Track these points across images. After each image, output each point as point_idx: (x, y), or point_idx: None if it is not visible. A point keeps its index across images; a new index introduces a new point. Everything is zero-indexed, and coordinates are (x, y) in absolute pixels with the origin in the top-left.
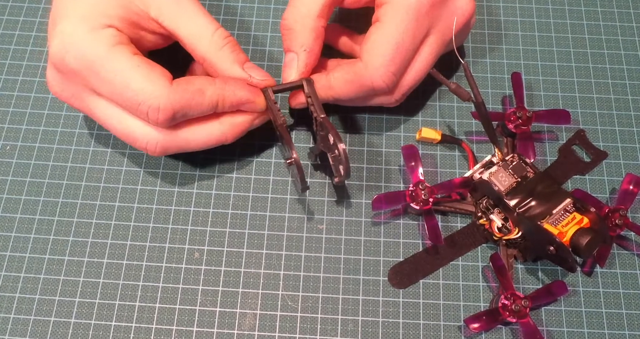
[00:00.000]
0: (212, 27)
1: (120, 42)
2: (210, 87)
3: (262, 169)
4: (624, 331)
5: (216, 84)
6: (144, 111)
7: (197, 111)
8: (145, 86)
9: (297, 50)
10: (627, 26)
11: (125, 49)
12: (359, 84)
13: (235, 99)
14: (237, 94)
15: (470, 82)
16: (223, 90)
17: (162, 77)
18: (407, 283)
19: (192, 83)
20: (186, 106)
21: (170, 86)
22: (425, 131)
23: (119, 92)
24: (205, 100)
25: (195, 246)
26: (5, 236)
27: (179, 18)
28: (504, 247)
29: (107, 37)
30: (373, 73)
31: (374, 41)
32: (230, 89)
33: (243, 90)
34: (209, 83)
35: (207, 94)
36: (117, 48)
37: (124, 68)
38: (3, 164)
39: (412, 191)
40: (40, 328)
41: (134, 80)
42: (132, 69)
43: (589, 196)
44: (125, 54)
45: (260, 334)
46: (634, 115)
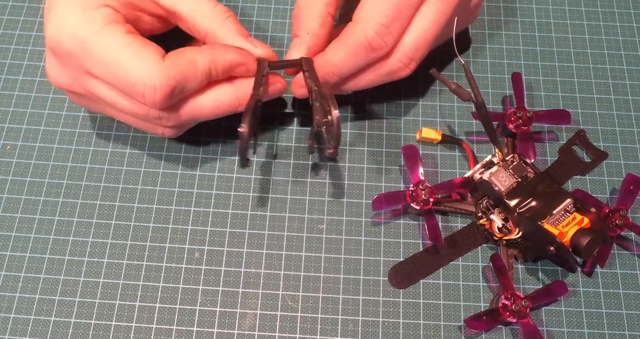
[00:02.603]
0: (212, 2)
1: (114, 21)
2: (200, 55)
3: (262, 169)
4: (624, 332)
5: (204, 50)
6: (139, 92)
7: (193, 83)
8: (136, 64)
9: (301, 35)
10: (627, 26)
11: (119, 28)
12: (353, 45)
13: (226, 63)
14: (227, 58)
15: (471, 83)
16: (212, 55)
17: (154, 54)
18: (407, 283)
19: (183, 54)
20: (182, 80)
21: (162, 61)
22: (425, 131)
23: (112, 72)
24: (199, 69)
25: (195, 246)
26: (5, 235)
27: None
28: (504, 248)
29: (100, 16)
30: (365, 27)
31: (369, 2)
32: (220, 53)
33: (232, 53)
34: (198, 51)
35: (198, 62)
36: (110, 26)
37: (115, 46)
38: (3, 164)
39: (413, 191)
40: (40, 328)
41: (125, 58)
42: (123, 47)
43: (589, 196)
44: (117, 33)
45: (260, 334)
46: (634, 115)
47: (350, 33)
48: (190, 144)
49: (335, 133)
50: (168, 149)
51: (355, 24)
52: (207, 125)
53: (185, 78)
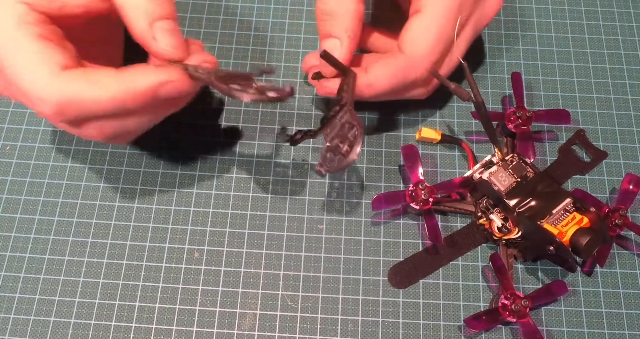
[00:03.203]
0: None
1: (27, 22)
2: (108, 77)
3: (262, 169)
4: (624, 331)
5: (115, 72)
6: (32, 103)
7: (97, 106)
8: (30, 73)
9: (340, 36)
10: (626, 26)
11: (28, 30)
12: (402, 78)
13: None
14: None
15: (470, 82)
16: (123, 77)
17: (54, 65)
18: (407, 283)
19: (87, 72)
20: (77, 101)
21: (59, 74)
22: (425, 131)
23: (10, 79)
24: (102, 93)
25: (195, 246)
26: (5, 236)
27: None
28: (503, 247)
29: (14, 15)
30: (417, 64)
31: (416, 31)
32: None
33: (152, 73)
34: (108, 71)
35: (105, 81)
36: (20, 28)
37: (15, 51)
38: (3, 164)
39: (412, 190)
40: (40, 328)
41: (21, 66)
42: (23, 53)
43: (589, 195)
44: (23, 35)
45: (260, 334)
46: (633, 115)
47: (399, 65)
48: (190, 144)
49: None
50: (168, 149)
51: (404, 58)
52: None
53: (82, 99)
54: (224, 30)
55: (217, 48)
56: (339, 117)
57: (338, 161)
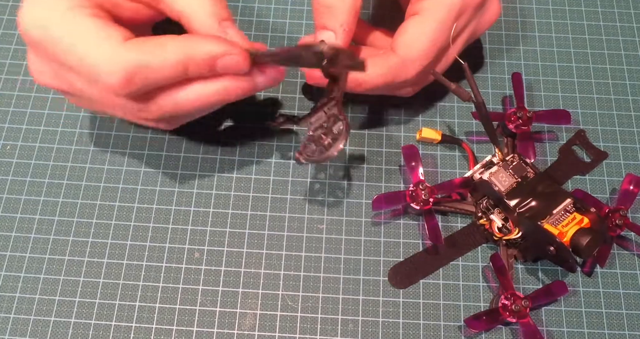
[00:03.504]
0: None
1: (79, 4)
2: (172, 42)
3: (262, 169)
4: (624, 331)
5: (178, 38)
6: (95, 78)
7: (162, 72)
8: (93, 47)
9: (335, 29)
10: (627, 26)
11: (82, 11)
12: (392, 78)
13: (205, 54)
14: (207, 48)
15: (471, 83)
16: (188, 43)
17: (114, 36)
18: (407, 283)
19: (151, 40)
20: (145, 67)
21: (123, 44)
22: (425, 131)
23: (70, 59)
24: (168, 56)
25: (195, 246)
26: (5, 236)
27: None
28: (504, 248)
29: (68, 1)
30: (409, 67)
31: (412, 34)
32: (198, 42)
33: (213, 43)
34: (171, 38)
35: (168, 49)
36: (73, 11)
37: (72, 30)
38: (3, 164)
39: (412, 191)
40: (40, 328)
41: (82, 43)
42: (80, 31)
43: (589, 196)
44: (78, 16)
45: (260, 334)
46: (634, 115)
47: (391, 66)
48: (191, 144)
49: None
50: (168, 149)
51: (397, 59)
52: (208, 125)
53: (149, 65)
54: None
55: None
56: (326, 108)
57: (318, 153)
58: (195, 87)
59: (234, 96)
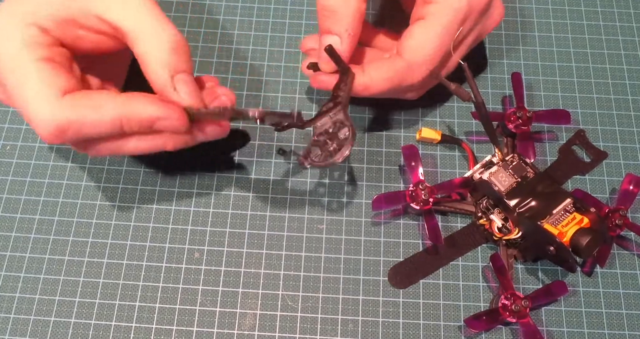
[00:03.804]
0: (159, 23)
1: (36, 43)
2: (109, 104)
3: (262, 169)
4: (624, 331)
5: (117, 99)
6: (32, 124)
7: (95, 131)
8: (32, 96)
9: (340, 33)
10: (627, 26)
11: (36, 52)
12: (398, 82)
13: (142, 117)
14: (145, 111)
15: (470, 83)
16: (125, 106)
17: (55, 89)
18: (407, 283)
19: (90, 98)
20: (77, 124)
21: (60, 99)
22: (425, 131)
23: (13, 99)
24: (103, 118)
25: (195, 246)
26: (5, 236)
27: (125, 11)
28: (504, 248)
29: (23, 36)
30: (415, 71)
31: (418, 39)
32: (137, 104)
33: (151, 105)
34: (110, 99)
35: (104, 111)
36: (26, 49)
37: (20, 72)
38: (3, 164)
39: (412, 191)
40: (40, 328)
41: (25, 88)
42: (27, 75)
43: (589, 196)
44: (29, 57)
45: (260, 334)
46: (634, 115)
47: (397, 70)
48: None
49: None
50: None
51: (407, 66)
52: None
53: (82, 123)
54: (223, 31)
55: (217, 48)
56: (331, 114)
57: (323, 158)
58: (132, 141)
59: (171, 148)
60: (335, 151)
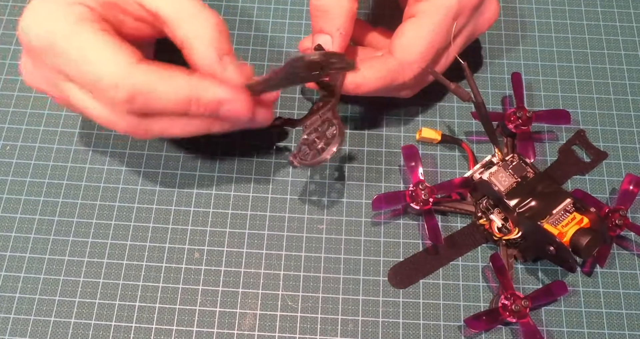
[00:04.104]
0: (199, 8)
1: (89, 18)
2: (183, 77)
3: (262, 169)
4: (624, 331)
5: (191, 77)
6: (103, 89)
7: (164, 100)
8: (105, 58)
9: (332, 32)
10: (627, 26)
11: (92, 25)
12: (390, 80)
13: (210, 96)
14: (213, 91)
15: (470, 83)
16: (197, 84)
17: (128, 54)
18: (407, 283)
19: (165, 67)
20: (150, 90)
21: (135, 63)
22: (425, 131)
23: (78, 68)
24: (174, 88)
25: (195, 246)
26: (5, 236)
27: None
28: (504, 248)
29: (74, 13)
30: (407, 70)
31: (409, 37)
32: (206, 84)
33: (221, 87)
34: (184, 74)
35: (177, 81)
36: (82, 23)
37: (84, 43)
38: (3, 164)
39: (412, 191)
40: (40, 328)
41: (93, 52)
42: (93, 44)
43: (589, 196)
44: (89, 29)
45: (260, 334)
46: (634, 115)
47: (388, 68)
48: (190, 144)
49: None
50: (168, 150)
51: (394, 61)
52: None
53: (154, 90)
54: None
55: None
56: (320, 112)
57: (312, 156)
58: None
59: (218, 129)
60: (322, 149)
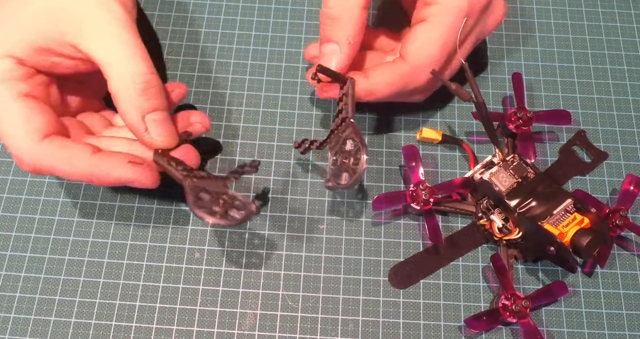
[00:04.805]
0: (135, 61)
1: (13, 77)
2: (81, 160)
3: (262, 169)
4: (624, 332)
5: (91, 159)
6: (13, 154)
7: (68, 177)
8: (14, 134)
9: (340, 41)
10: (627, 27)
11: (13, 87)
12: (402, 86)
13: (112, 179)
14: (115, 173)
15: (471, 83)
16: (97, 166)
17: (35, 131)
18: (407, 283)
19: (66, 149)
20: (51, 169)
21: (38, 143)
22: (425, 131)
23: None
24: (73, 172)
25: (196, 245)
26: (6, 235)
27: (99, 42)
28: (504, 248)
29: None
30: (420, 75)
31: (421, 42)
32: (108, 166)
33: (122, 168)
34: (84, 155)
35: (75, 166)
36: (3, 84)
37: (3, 108)
38: (3, 164)
39: (413, 191)
40: (40, 328)
41: (6, 125)
42: (6, 112)
43: (590, 196)
44: (8, 94)
45: (260, 334)
46: (634, 115)
47: (401, 73)
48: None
49: (355, 178)
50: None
51: (406, 65)
52: None
53: (54, 171)
54: (224, 31)
55: (218, 48)
56: (340, 130)
57: (346, 178)
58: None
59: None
60: (355, 164)
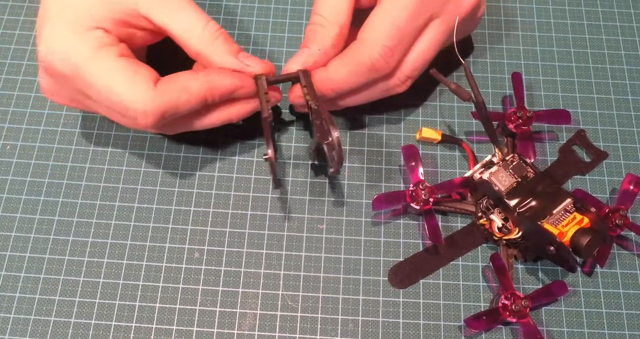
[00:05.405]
0: (203, 21)
1: (107, 43)
2: (194, 82)
3: (262, 169)
4: (624, 331)
5: (199, 77)
6: (132, 116)
7: (187, 108)
8: (128, 90)
9: (312, 47)
10: (627, 26)
11: (111, 51)
12: (356, 65)
13: (223, 89)
14: (224, 83)
15: (471, 82)
16: (208, 82)
17: (146, 80)
18: (407, 283)
19: (176, 81)
20: (173, 107)
21: (154, 88)
22: (425, 131)
23: (105, 96)
24: (192, 96)
25: (195, 246)
26: (5, 235)
27: (169, 14)
28: (504, 247)
29: (92, 39)
30: (370, 48)
31: (372, 20)
32: (216, 80)
33: (228, 77)
34: (193, 78)
35: (192, 89)
36: (102, 51)
37: (106, 72)
38: (3, 164)
39: (412, 191)
40: (40, 328)
41: (117, 85)
42: (115, 73)
43: (589, 196)
44: (109, 57)
45: (260, 334)
46: (634, 115)
47: (355, 53)
48: (190, 144)
49: (337, 154)
50: (168, 149)
51: (360, 44)
52: None
53: (177, 105)
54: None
55: None
56: (312, 119)
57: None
58: (213, 116)
59: (237, 118)
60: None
